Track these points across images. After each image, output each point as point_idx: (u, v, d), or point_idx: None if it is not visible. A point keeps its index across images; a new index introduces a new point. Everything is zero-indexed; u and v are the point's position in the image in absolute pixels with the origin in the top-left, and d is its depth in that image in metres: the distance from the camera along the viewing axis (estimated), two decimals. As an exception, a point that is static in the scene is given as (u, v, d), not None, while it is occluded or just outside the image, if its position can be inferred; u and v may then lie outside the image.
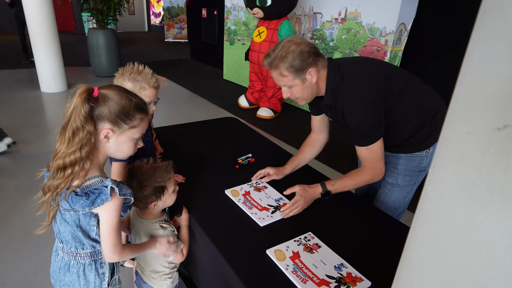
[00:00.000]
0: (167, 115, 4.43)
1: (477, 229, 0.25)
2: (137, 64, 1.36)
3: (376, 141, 1.31)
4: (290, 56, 1.25)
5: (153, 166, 1.18)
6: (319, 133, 1.64)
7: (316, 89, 1.35)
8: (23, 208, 2.37)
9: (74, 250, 1.00)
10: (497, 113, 0.24)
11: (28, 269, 1.88)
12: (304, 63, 1.26)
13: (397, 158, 1.54)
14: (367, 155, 1.35)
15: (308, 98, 1.38)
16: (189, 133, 2.15)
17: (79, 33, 11.68)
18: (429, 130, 1.45)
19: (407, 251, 0.36)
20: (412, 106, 1.40)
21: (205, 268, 1.33)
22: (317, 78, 1.31)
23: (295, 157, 1.66)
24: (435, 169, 0.31)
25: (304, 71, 1.27)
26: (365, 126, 1.29)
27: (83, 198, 0.91)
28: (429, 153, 1.50)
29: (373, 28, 3.76)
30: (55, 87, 5.01)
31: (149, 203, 1.18)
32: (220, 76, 6.67)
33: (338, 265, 1.10)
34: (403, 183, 1.57)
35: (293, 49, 1.25)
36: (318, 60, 1.29)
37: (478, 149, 0.25)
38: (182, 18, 10.85)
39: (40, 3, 4.51)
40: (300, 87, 1.32)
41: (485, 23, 0.27)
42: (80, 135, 0.89)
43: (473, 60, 0.28)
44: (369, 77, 1.34)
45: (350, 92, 1.30)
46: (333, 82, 1.32)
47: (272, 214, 1.34)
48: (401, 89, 1.37)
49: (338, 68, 1.33)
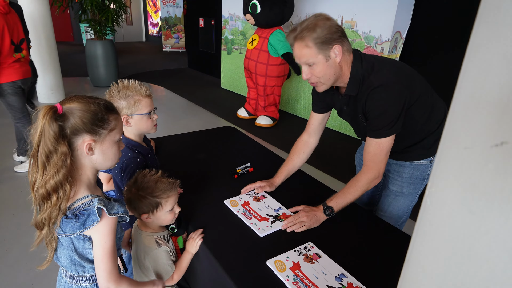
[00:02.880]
0: (165, 125, 4.44)
1: (477, 244, 0.25)
2: (120, 81, 1.33)
3: (389, 136, 1.28)
4: (319, 28, 1.20)
5: (157, 179, 1.16)
6: (313, 135, 1.60)
7: (339, 71, 1.29)
8: (20, 221, 2.35)
9: (75, 273, 0.97)
10: (494, 130, 0.24)
11: (24, 283, 1.86)
12: (330, 37, 1.21)
13: (402, 167, 1.53)
14: (373, 150, 1.31)
15: (329, 81, 1.31)
16: (188, 142, 2.15)
17: (77, 43, 11.74)
18: (435, 138, 1.45)
19: (408, 264, 0.36)
20: (426, 112, 1.38)
21: (204, 279, 1.32)
22: (341, 58, 1.25)
23: (284, 166, 1.62)
24: (434, 182, 0.31)
25: (329, 46, 1.22)
26: (388, 115, 1.25)
27: (72, 221, 0.87)
28: (434, 162, 1.47)
29: (369, 36, 3.81)
30: (53, 97, 5.02)
31: (140, 214, 1.15)
32: (218, 85, 6.70)
33: (339, 275, 1.09)
34: (408, 191, 1.56)
35: (322, 22, 1.22)
36: (344, 40, 1.26)
37: (475, 165, 0.25)
38: (180, 28, 10.93)
39: (39, 14, 4.53)
40: (322, 65, 1.25)
41: (480, 41, 0.27)
42: (54, 159, 0.82)
43: (470, 75, 0.28)
44: (399, 70, 1.33)
45: (382, 78, 1.26)
46: (359, 70, 1.28)
47: (271, 224, 1.34)
48: (420, 92, 1.35)
49: (364, 57, 1.31)
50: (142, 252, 1.20)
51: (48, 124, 0.81)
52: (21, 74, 2.79)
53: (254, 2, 4.03)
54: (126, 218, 0.95)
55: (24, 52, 2.82)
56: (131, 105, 1.30)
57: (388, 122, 1.26)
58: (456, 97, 0.30)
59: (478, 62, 0.27)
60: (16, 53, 2.74)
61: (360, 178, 1.34)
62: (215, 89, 6.50)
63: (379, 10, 3.63)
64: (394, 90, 1.25)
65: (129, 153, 1.33)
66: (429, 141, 1.45)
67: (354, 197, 1.34)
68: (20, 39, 2.78)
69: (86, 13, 5.74)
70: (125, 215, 0.94)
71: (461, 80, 0.29)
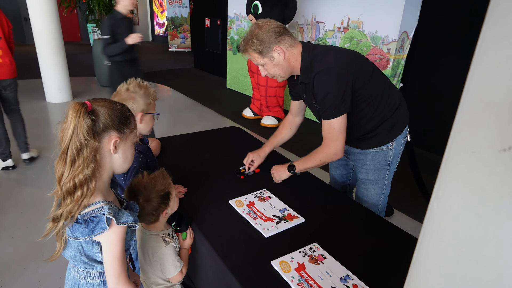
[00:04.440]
0: (171, 125, 4.46)
1: (485, 248, 0.25)
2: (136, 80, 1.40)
3: (337, 116, 1.40)
4: (255, 39, 1.38)
5: (150, 177, 1.19)
6: (296, 115, 1.81)
7: (287, 66, 1.45)
8: (28, 219, 2.38)
9: (83, 269, 0.98)
10: (502, 134, 0.24)
11: (32, 280, 1.88)
12: (267, 42, 1.38)
13: (364, 155, 1.66)
14: (326, 130, 1.45)
15: (282, 74, 1.49)
16: (193, 142, 2.15)
17: (84, 43, 11.84)
18: (392, 123, 1.57)
19: (414, 267, 0.35)
20: (377, 95, 1.50)
21: (209, 279, 1.32)
22: (285, 55, 1.41)
23: (273, 138, 1.85)
24: (440, 186, 0.31)
25: (269, 49, 1.39)
26: (330, 97, 1.38)
27: (82, 226, 0.88)
28: (392, 147, 1.62)
29: (375, 36, 3.78)
30: (61, 97, 5.07)
31: (160, 213, 1.19)
32: (223, 85, 6.71)
33: (344, 277, 1.09)
34: (374, 177, 1.69)
35: (256, 32, 1.39)
36: (283, 39, 1.40)
37: (483, 169, 0.25)
38: (186, 28, 10.97)
39: (46, 15, 4.58)
40: (270, 64, 1.44)
41: (488, 43, 0.27)
42: (85, 153, 0.85)
43: (477, 78, 0.28)
44: (341, 56, 1.45)
45: (322, 64, 1.39)
46: (307, 60, 1.43)
47: (276, 225, 1.34)
48: (369, 77, 1.46)
49: (313, 48, 1.45)
50: (150, 252, 1.22)
51: (82, 119, 0.84)
52: None
53: (256, 2, 4.08)
54: (135, 226, 0.96)
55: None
56: (147, 104, 1.38)
57: (332, 104, 1.38)
58: (464, 100, 0.30)
59: (486, 64, 0.27)
60: None
61: (320, 151, 1.50)
62: (221, 89, 6.52)
63: (386, 10, 3.60)
64: (333, 74, 1.38)
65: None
66: (385, 127, 1.57)
67: (314, 164, 1.53)
68: None
69: (93, 13, 5.80)
70: (135, 224, 0.95)
71: (469, 83, 0.29)
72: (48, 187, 0.95)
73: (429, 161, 3.55)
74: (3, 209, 2.49)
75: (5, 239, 2.17)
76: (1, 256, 2.04)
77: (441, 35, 3.58)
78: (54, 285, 1.85)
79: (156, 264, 1.21)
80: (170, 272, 1.22)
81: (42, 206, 2.52)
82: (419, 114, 3.77)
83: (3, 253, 2.06)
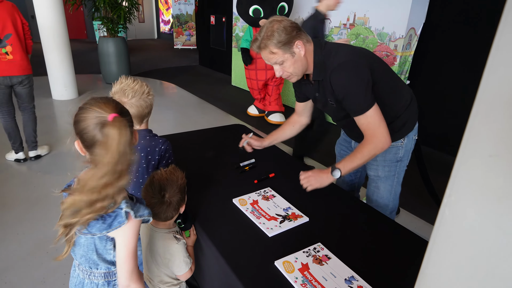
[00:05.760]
0: (176, 122, 4.45)
1: (504, 264, 0.23)
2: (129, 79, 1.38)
3: (369, 108, 1.33)
4: (276, 33, 1.32)
5: (169, 172, 1.21)
6: (301, 115, 1.77)
7: (305, 62, 1.40)
8: (33, 215, 2.39)
9: (88, 269, 0.99)
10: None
11: (37, 277, 1.89)
12: (289, 36, 1.33)
13: None
14: (364, 123, 1.36)
15: (299, 72, 1.43)
16: (197, 140, 2.14)
17: (90, 41, 11.89)
18: (403, 120, 1.54)
19: (423, 277, 0.33)
20: (390, 93, 1.47)
21: (212, 278, 1.31)
22: (304, 50, 1.37)
23: (275, 132, 1.81)
24: (453, 191, 0.29)
25: (291, 44, 1.34)
26: (354, 90, 1.33)
27: (99, 222, 0.88)
28: (403, 144, 1.59)
29: (382, 33, 3.73)
30: (66, 94, 5.10)
31: (181, 206, 1.22)
32: (228, 82, 6.69)
33: (348, 278, 1.07)
34: (384, 174, 1.66)
35: (276, 27, 1.33)
36: (301, 34, 1.37)
37: (502, 174, 0.23)
38: (191, 25, 10.96)
39: (52, 12, 4.60)
40: (290, 61, 1.37)
41: (507, 40, 0.25)
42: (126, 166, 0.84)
43: (495, 76, 0.26)
44: (354, 51, 1.42)
45: (336, 60, 1.35)
46: (320, 57, 1.39)
47: (280, 224, 1.32)
48: (381, 73, 1.43)
49: (324, 45, 1.41)
50: (161, 249, 1.22)
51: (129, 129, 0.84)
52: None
53: (282, 4, 4.07)
54: (149, 219, 0.96)
55: (8, 48, 2.77)
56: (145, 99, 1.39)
57: (358, 98, 1.33)
58: (479, 99, 0.28)
59: (505, 62, 0.25)
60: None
61: (366, 144, 1.38)
62: (226, 86, 6.50)
63: (393, 6, 3.55)
64: (350, 67, 1.34)
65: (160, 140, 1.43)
66: (397, 124, 1.53)
67: (361, 161, 1.40)
68: (5, 34, 2.74)
69: (99, 10, 5.80)
70: (149, 217, 0.95)
71: (485, 81, 0.27)
72: (53, 185, 0.93)
73: (435, 159, 3.50)
74: (8, 206, 2.50)
75: (10, 236, 2.19)
76: (6, 252, 2.05)
77: (450, 32, 3.51)
78: (59, 282, 1.86)
79: (166, 261, 1.21)
80: (181, 269, 1.22)
81: (47, 203, 2.53)
82: (426, 112, 3.71)
83: (8, 250, 2.07)
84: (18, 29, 2.84)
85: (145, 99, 1.34)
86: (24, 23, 2.89)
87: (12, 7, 2.82)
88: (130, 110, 1.30)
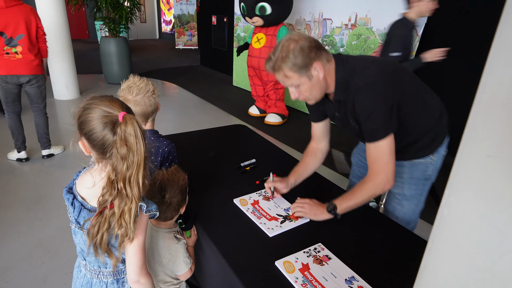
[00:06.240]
0: (177, 122, 4.46)
1: (499, 262, 0.23)
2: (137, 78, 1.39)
3: (385, 137, 1.21)
4: (291, 54, 1.18)
5: (171, 172, 1.21)
6: (320, 141, 1.56)
7: (324, 85, 1.27)
8: (34, 215, 2.40)
9: (97, 268, 0.99)
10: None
11: (38, 276, 1.90)
12: (307, 58, 1.19)
13: (400, 166, 1.48)
14: (373, 154, 1.25)
15: (318, 96, 1.30)
16: (198, 140, 2.15)
17: (92, 41, 11.92)
18: (433, 135, 1.43)
19: (421, 276, 0.33)
20: (420, 108, 1.35)
21: (213, 278, 1.32)
22: (324, 73, 1.23)
23: (296, 168, 1.57)
24: (451, 191, 0.29)
25: (308, 67, 1.20)
26: (376, 115, 1.21)
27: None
28: (433, 160, 1.47)
29: (383, 33, 3.72)
30: (68, 94, 5.11)
31: (180, 209, 1.22)
32: (229, 82, 6.69)
33: (349, 278, 1.07)
34: (409, 193, 1.52)
35: (292, 47, 1.19)
36: (321, 54, 1.22)
37: (500, 174, 0.23)
38: (193, 25, 10.97)
39: (54, 12, 4.61)
40: (307, 85, 1.24)
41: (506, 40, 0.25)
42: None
43: (494, 77, 0.26)
44: (382, 67, 1.28)
45: (364, 78, 1.22)
46: (342, 74, 1.26)
47: (281, 224, 1.32)
48: (409, 86, 1.33)
49: (346, 60, 1.28)
50: (162, 249, 1.22)
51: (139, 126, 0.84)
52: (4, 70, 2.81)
53: (262, 4, 4.02)
54: (156, 214, 0.96)
55: (18, 48, 2.82)
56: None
57: (379, 122, 1.21)
58: (478, 100, 0.28)
59: (504, 62, 0.25)
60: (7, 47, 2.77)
61: (367, 182, 1.27)
62: (227, 86, 6.51)
63: (394, 6, 3.54)
64: (378, 88, 1.21)
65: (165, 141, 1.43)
66: (428, 139, 1.42)
67: (360, 200, 1.28)
68: (17, 34, 2.79)
69: (100, 11, 5.81)
70: (156, 212, 0.96)
71: (484, 81, 0.27)
72: (54, 184, 0.94)
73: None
74: (10, 205, 2.51)
75: (12, 235, 2.19)
76: (8, 251, 2.06)
77: (451, 32, 3.51)
78: (60, 281, 1.86)
79: (166, 261, 1.22)
80: (182, 268, 1.23)
81: (48, 203, 2.54)
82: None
83: (10, 249, 2.08)
84: (31, 31, 2.88)
85: (149, 98, 1.34)
86: (39, 27, 2.93)
87: (30, 10, 2.87)
88: (134, 108, 1.32)
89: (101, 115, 0.82)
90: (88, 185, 0.91)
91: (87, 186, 0.92)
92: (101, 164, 0.89)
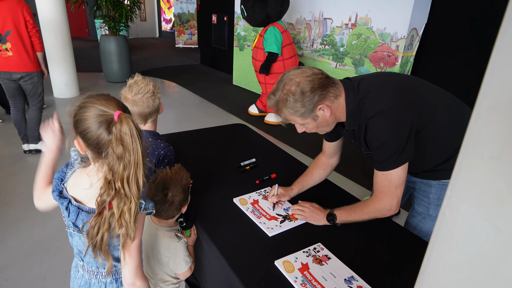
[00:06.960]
0: (176, 121, 4.45)
1: (502, 264, 0.23)
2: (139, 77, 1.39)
3: (396, 168, 1.14)
4: (291, 99, 1.11)
5: (174, 171, 1.21)
6: (331, 157, 1.50)
7: (333, 119, 1.20)
8: (33, 213, 2.40)
9: (95, 269, 0.99)
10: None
11: (37, 274, 1.90)
12: (309, 103, 1.12)
13: (428, 186, 1.39)
14: (380, 182, 1.19)
15: (327, 129, 1.25)
16: (198, 139, 2.15)
17: (92, 39, 11.89)
18: None
19: (422, 277, 0.33)
20: (447, 126, 1.23)
21: (213, 277, 1.32)
22: (331, 111, 1.16)
23: (302, 177, 1.52)
24: (453, 192, 0.29)
25: (313, 110, 1.14)
26: (389, 145, 1.12)
27: None
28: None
29: (384, 33, 3.73)
30: (68, 92, 5.10)
31: (182, 207, 1.22)
32: (229, 81, 6.69)
33: (348, 278, 1.07)
34: (435, 214, 1.41)
35: (293, 90, 1.11)
36: (327, 93, 1.14)
37: (502, 176, 0.23)
38: (193, 24, 10.95)
39: (54, 10, 4.60)
40: (313, 124, 1.19)
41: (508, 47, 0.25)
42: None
43: (497, 75, 0.26)
44: (397, 90, 1.19)
45: (376, 104, 1.14)
46: (354, 103, 1.17)
47: (281, 224, 1.32)
48: (434, 105, 1.21)
49: (358, 85, 1.19)
50: (162, 247, 1.22)
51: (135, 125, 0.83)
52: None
53: (241, 7, 4.22)
54: (153, 211, 0.96)
55: (8, 44, 2.80)
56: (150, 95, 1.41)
57: (391, 153, 1.13)
58: (480, 99, 0.28)
59: (507, 63, 0.25)
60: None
61: (370, 205, 1.23)
62: (227, 85, 6.50)
63: (395, 6, 3.54)
64: (392, 117, 1.12)
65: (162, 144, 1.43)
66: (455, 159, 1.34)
67: (359, 219, 1.25)
68: (5, 31, 2.78)
69: (100, 9, 5.80)
70: (153, 210, 0.95)
71: (487, 81, 0.27)
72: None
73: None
74: (10, 204, 2.51)
75: (11, 234, 2.19)
76: (7, 250, 2.06)
77: (452, 32, 3.51)
78: (59, 279, 1.86)
79: (166, 259, 1.22)
80: (181, 267, 1.23)
81: (48, 201, 2.53)
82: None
83: (10, 247, 2.08)
84: (20, 26, 2.85)
85: (147, 98, 1.34)
86: (27, 21, 2.89)
87: (17, 4, 2.83)
88: (132, 108, 1.31)
89: (96, 114, 0.82)
90: (85, 186, 0.89)
91: (83, 187, 0.90)
92: (97, 164, 0.88)
